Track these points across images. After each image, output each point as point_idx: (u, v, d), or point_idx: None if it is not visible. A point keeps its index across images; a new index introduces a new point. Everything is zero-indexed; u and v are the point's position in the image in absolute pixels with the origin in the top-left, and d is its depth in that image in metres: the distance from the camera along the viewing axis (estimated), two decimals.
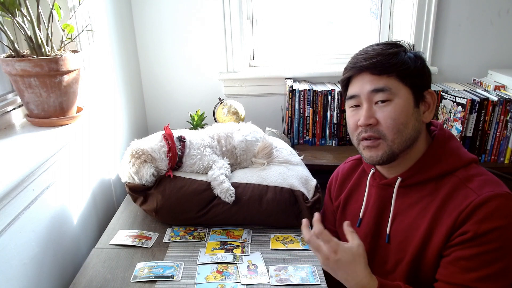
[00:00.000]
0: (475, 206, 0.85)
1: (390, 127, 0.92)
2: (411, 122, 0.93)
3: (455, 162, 0.94)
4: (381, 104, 0.92)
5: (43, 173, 1.02)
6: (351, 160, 1.21)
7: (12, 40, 1.08)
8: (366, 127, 0.94)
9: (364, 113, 0.93)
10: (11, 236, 0.90)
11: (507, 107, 1.64)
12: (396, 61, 0.92)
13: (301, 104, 1.88)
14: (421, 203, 0.95)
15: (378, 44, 0.98)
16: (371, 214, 1.05)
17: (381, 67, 0.92)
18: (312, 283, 1.02)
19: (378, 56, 0.92)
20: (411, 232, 0.95)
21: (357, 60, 0.96)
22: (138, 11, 1.91)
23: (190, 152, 1.33)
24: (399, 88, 0.92)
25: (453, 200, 0.90)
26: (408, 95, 0.93)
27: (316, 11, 2.11)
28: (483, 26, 1.95)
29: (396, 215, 0.99)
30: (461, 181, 0.91)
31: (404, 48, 0.95)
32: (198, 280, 1.03)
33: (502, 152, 1.70)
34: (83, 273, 1.07)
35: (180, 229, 1.26)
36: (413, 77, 0.93)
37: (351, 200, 1.14)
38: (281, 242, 1.19)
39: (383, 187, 1.03)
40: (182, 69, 2.02)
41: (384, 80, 0.92)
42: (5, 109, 1.17)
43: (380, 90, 0.92)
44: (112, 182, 1.54)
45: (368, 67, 0.93)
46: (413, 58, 0.94)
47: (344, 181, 1.19)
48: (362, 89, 0.94)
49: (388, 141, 0.93)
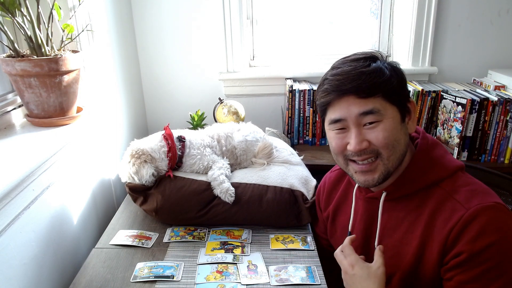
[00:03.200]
0: (465, 223, 0.82)
1: (384, 145, 0.88)
2: (401, 137, 0.90)
3: (440, 172, 0.90)
4: (369, 126, 0.88)
5: (43, 173, 1.02)
6: (336, 170, 1.18)
7: (12, 40, 1.08)
8: (359, 151, 0.89)
9: (355, 138, 0.88)
10: (11, 236, 0.90)
11: (507, 107, 1.64)
12: (380, 80, 0.87)
13: (301, 104, 1.88)
14: (409, 217, 0.92)
15: (354, 60, 0.91)
16: (359, 227, 1.02)
17: (367, 89, 0.86)
18: (312, 283, 1.02)
19: (361, 76, 0.86)
20: (401, 247, 0.92)
21: (339, 82, 0.88)
22: (138, 11, 1.91)
23: (190, 152, 1.33)
24: (386, 108, 0.88)
25: (441, 214, 0.87)
26: (395, 113, 0.89)
27: (316, 11, 2.10)
28: (483, 26, 1.95)
29: (384, 229, 0.96)
30: (448, 193, 0.88)
31: (381, 60, 0.91)
32: (198, 280, 1.03)
33: (502, 152, 1.70)
34: (83, 273, 1.07)
35: (180, 229, 1.26)
36: (397, 94, 0.90)
37: (339, 212, 1.12)
38: (281, 242, 1.19)
39: (369, 201, 1.00)
40: (182, 69, 2.02)
41: (371, 101, 0.87)
42: (5, 109, 1.17)
43: (368, 113, 0.87)
44: (112, 182, 1.54)
45: (352, 90, 0.87)
46: (393, 71, 0.90)
47: (331, 191, 1.16)
48: (349, 112, 0.88)
49: (384, 160, 0.89)
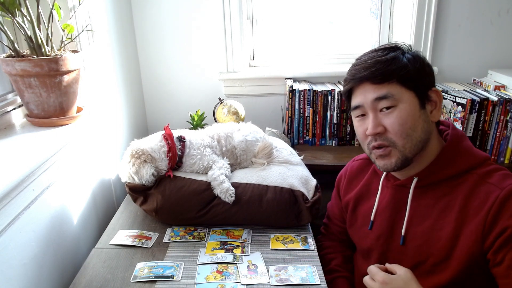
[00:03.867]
0: (502, 200, 0.84)
1: (399, 133, 0.91)
2: (419, 124, 0.92)
3: (471, 160, 0.93)
4: (386, 111, 0.92)
5: (43, 173, 1.02)
6: (360, 159, 1.19)
7: (12, 40, 1.08)
8: (375, 135, 0.94)
9: (371, 122, 0.93)
10: (11, 236, 0.90)
11: (507, 107, 1.64)
12: (395, 67, 0.91)
13: (301, 104, 1.88)
14: (440, 204, 0.94)
15: (374, 50, 0.97)
16: (384, 216, 1.03)
17: (380, 75, 0.91)
18: (312, 283, 1.01)
19: (376, 64, 0.92)
20: (433, 233, 0.93)
21: (355, 71, 0.96)
22: (138, 11, 1.91)
23: (190, 152, 1.33)
24: (402, 93, 0.91)
25: (475, 198, 0.88)
26: (412, 98, 0.92)
27: (316, 11, 2.11)
28: (483, 26, 1.95)
29: (413, 217, 0.97)
30: (480, 177, 0.90)
31: (402, 50, 0.95)
32: (198, 280, 1.03)
33: (502, 152, 1.70)
34: (83, 273, 1.07)
35: (180, 229, 1.26)
36: (414, 80, 0.92)
37: (361, 201, 1.13)
38: (281, 242, 1.19)
39: (398, 188, 1.01)
40: (182, 69, 2.02)
41: (386, 87, 0.91)
42: (5, 109, 1.17)
43: (383, 98, 0.91)
44: (112, 182, 1.54)
45: (367, 77, 0.93)
46: (412, 59, 0.93)
47: (352, 179, 1.18)
48: (365, 98, 0.94)
49: (399, 147, 0.92)
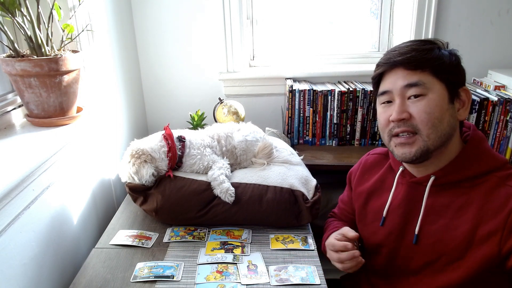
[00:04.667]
0: None
1: (425, 121, 0.90)
2: (446, 117, 0.91)
3: (491, 163, 0.92)
4: (414, 99, 0.92)
5: (43, 173, 1.02)
6: (376, 154, 1.18)
7: (12, 40, 1.08)
8: (399, 122, 0.93)
9: (397, 107, 0.93)
10: (11, 236, 0.90)
11: (507, 107, 1.64)
12: (430, 56, 0.91)
13: (301, 104, 1.88)
14: (456, 203, 0.93)
15: (412, 41, 0.97)
16: (397, 212, 1.03)
17: (415, 62, 0.91)
18: (312, 283, 1.02)
19: (412, 52, 0.92)
20: (447, 233, 0.92)
21: (390, 55, 0.95)
22: (138, 11, 1.91)
23: (190, 152, 1.33)
24: (433, 83, 0.91)
25: (494, 199, 0.88)
26: (443, 91, 0.92)
27: (316, 11, 2.11)
28: (483, 26, 1.95)
29: (427, 215, 0.97)
30: (501, 179, 0.89)
31: (438, 45, 0.95)
32: (198, 280, 1.03)
33: (502, 152, 1.70)
34: (83, 273, 1.07)
35: (180, 229, 1.26)
36: (447, 73, 0.92)
37: (373, 196, 1.12)
38: (281, 242, 1.19)
39: (413, 185, 1.00)
40: (182, 69, 2.02)
41: (418, 74, 0.91)
42: (5, 109, 1.17)
43: (413, 85, 0.91)
44: (112, 182, 1.54)
45: (402, 62, 0.92)
46: (448, 54, 0.93)
47: (365, 172, 1.17)
48: (395, 84, 0.94)
49: (424, 136, 0.91)
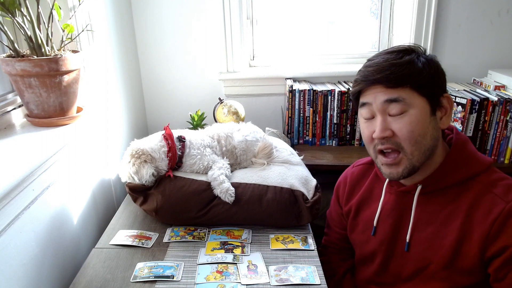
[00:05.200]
0: (506, 215, 0.83)
1: (408, 139, 0.88)
2: (428, 131, 0.89)
3: (476, 167, 0.91)
4: (396, 116, 0.89)
5: (43, 173, 1.02)
6: (360, 164, 1.18)
7: (12, 40, 1.08)
8: (382, 139, 0.90)
9: (379, 125, 0.90)
10: (11, 236, 0.90)
11: (507, 107, 1.64)
12: (409, 72, 0.88)
13: (301, 104, 1.88)
14: (445, 211, 0.92)
15: (388, 52, 0.93)
16: (387, 221, 1.02)
17: (394, 80, 0.88)
18: (312, 283, 1.01)
19: (391, 68, 0.88)
20: (436, 240, 0.92)
21: (368, 73, 0.91)
22: (138, 11, 1.91)
23: (190, 152, 1.33)
24: (413, 98, 0.88)
25: (480, 207, 0.88)
26: (424, 104, 0.89)
27: (316, 11, 2.11)
28: (483, 26, 1.94)
29: (417, 223, 0.96)
30: (485, 187, 0.89)
31: (416, 53, 0.91)
32: (198, 280, 1.03)
33: (502, 152, 1.70)
34: (83, 273, 1.07)
35: (180, 229, 1.26)
36: (427, 85, 0.89)
37: (363, 207, 1.12)
38: (281, 242, 1.19)
39: (401, 194, 1.00)
40: (182, 69, 2.02)
41: (398, 91, 0.88)
42: (5, 109, 1.17)
43: (394, 100, 0.88)
44: (112, 182, 1.54)
45: (380, 80, 0.89)
46: (427, 64, 0.90)
47: (354, 186, 1.16)
48: (375, 99, 0.90)
49: (408, 154, 0.89)
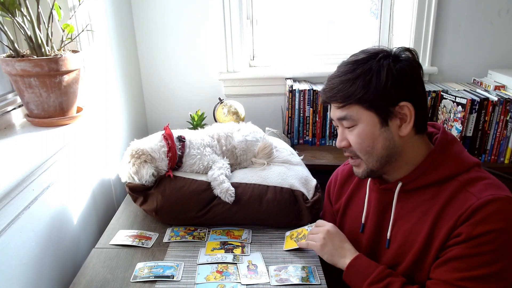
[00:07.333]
0: (474, 209, 0.84)
1: (358, 149, 0.97)
2: (379, 142, 0.94)
3: (456, 166, 0.92)
4: (348, 129, 0.97)
5: (43, 173, 1.02)
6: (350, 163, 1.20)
7: (12, 40, 1.08)
8: (342, 148, 1.01)
9: (338, 136, 1.01)
10: (11, 236, 0.90)
11: (507, 107, 1.64)
12: (354, 89, 0.91)
13: (301, 104, 1.88)
14: (422, 208, 0.94)
15: (347, 63, 0.96)
16: (372, 219, 1.04)
17: (339, 99, 0.94)
18: (312, 283, 1.02)
19: (338, 86, 0.94)
20: (411, 237, 0.94)
21: (323, 91, 1.00)
22: (138, 11, 1.91)
23: (190, 152, 1.33)
24: (361, 114, 0.93)
25: (453, 205, 0.88)
26: (372, 118, 0.92)
27: (316, 11, 2.11)
28: (483, 26, 1.95)
29: (396, 220, 0.98)
30: (462, 185, 0.89)
31: (378, 59, 0.90)
32: (198, 280, 1.03)
33: (502, 152, 1.70)
34: (83, 273, 1.07)
35: (180, 229, 1.26)
36: (375, 99, 0.90)
37: (351, 204, 1.14)
38: (294, 239, 1.17)
39: (383, 192, 1.02)
40: (182, 69, 2.02)
41: (346, 109, 0.94)
42: (5, 109, 1.17)
43: (342, 119, 0.96)
44: (112, 182, 1.54)
45: (330, 100, 0.98)
46: (385, 73, 0.88)
47: (343, 184, 1.18)
48: (333, 115, 1.00)
49: (364, 160, 0.98)
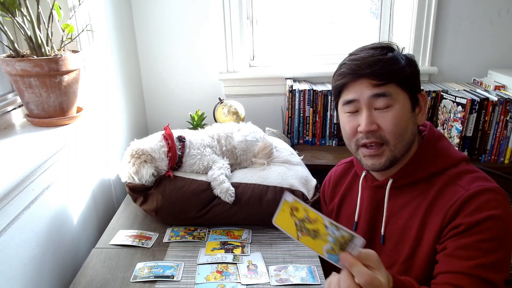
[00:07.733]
0: (464, 200, 0.85)
1: (392, 132, 0.91)
2: (410, 126, 0.94)
3: (445, 161, 0.94)
4: (381, 110, 0.91)
5: (43, 173, 1.02)
6: (343, 163, 1.21)
7: (12, 40, 1.08)
8: (368, 133, 0.92)
9: (365, 119, 0.91)
10: (11, 236, 0.90)
11: (507, 107, 1.64)
12: (396, 67, 0.91)
13: (301, 104, 1.88)
14: (413, 203, 0.95)
15: (371, 47, 0.95)
16: (365, 217, 1.05)
17: (382, 75, 0.90)
18: (312, 283, 1.02)
19: (379, 63, 0.91)
20: (405, 233, 0.95)
21: (356, 66, 0.93)
22: (138, 11, 1.91)
23: (190, 152, 1.33)
24: (398, 94, 0.92)
25: (442, 198, 0.90)
26: (406, 100, 0.93)
27: (316, 11, 2.11)
28: (483, 26, 1.95)
29: (390, 217, 0.99)
30: (451, 178, 0.91)
31: (396, 51, 0.96)
32: (198, 280, 1.03)
33: (502, 152, 1.70)
34: (83, 273, 1.07)
35: (180, 229, 1.26)
36: (409, 83, 0.94)
37: (344, 203, 1.15)
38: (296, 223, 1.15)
39: (375, 189, 1.03)
40: (182, 69, 2.02)
41: (384, 86, 0.91)
42: (5, 109, 1.17)
43: (381, 95, 0.90)
44: (112, 182, 1.54)
45: (369, 74, 0.91)
46: (407, 61, 0.94)
47: (336, 184, 1.19)
48: (362, 94, 0.92)
49: (391, 146, 0.92)
